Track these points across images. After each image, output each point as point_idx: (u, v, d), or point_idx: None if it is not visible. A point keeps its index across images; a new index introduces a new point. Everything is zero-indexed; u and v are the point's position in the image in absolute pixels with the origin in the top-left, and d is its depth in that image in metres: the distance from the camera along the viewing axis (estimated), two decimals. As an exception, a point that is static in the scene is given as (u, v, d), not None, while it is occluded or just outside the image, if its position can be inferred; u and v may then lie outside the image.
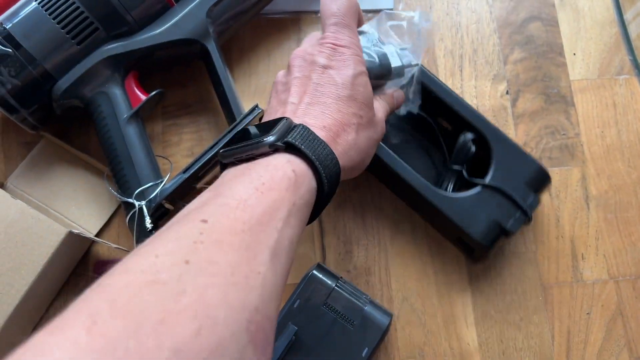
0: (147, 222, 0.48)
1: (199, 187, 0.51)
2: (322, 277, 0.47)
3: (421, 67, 0.49)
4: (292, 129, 0.36)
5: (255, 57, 0.58)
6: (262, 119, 0.43)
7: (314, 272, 0.47)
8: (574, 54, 0.58)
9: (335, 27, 0.41)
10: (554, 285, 0.52)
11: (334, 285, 0.46)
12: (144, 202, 0.48)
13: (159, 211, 0.49)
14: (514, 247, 0.53)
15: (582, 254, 0.53)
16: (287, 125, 0.37)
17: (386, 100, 0.46)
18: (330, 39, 0.41)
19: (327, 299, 0.46)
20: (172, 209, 0.50)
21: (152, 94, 0.51)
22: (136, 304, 0.24)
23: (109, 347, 0.23)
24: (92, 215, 0.53)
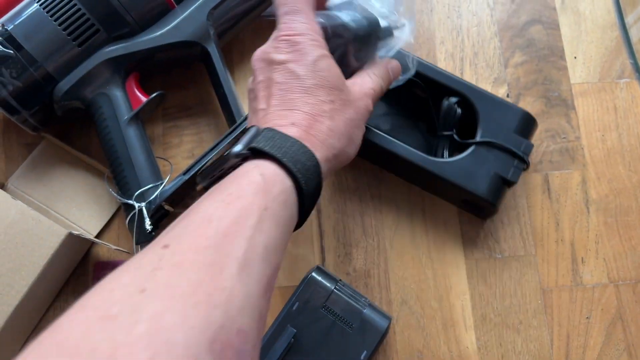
0: (146, 223, 0.48)
1: (199, 189, 0.51)
2: (321, 280, 0.47)
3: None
4: (259, 134, 0.36)
5: (256, 59, 0.58)
6: None
7: (313, 275, 0.47)
8: (575, 58, 0.58)
9: (286, 17, 0.40)
10: (554, 288, 0.52)
11: (333, 287, 0.46)
12: (144, 204, 0.48)
13: (159, 213, 0.50)
14: (513, 251, 0.53)
15: (582, 258, 0.52)
16: (254, 132, 0.36)
17: (378, 73, 0.43)
18: (283, 31, 0.39)
19: (326, 302, 0.46)
20: (172, 211, 0.50)
21: (153, 95, 0.51)
22: (86, 342, 0.24)
23: None
24: (92, 216, 0.53)
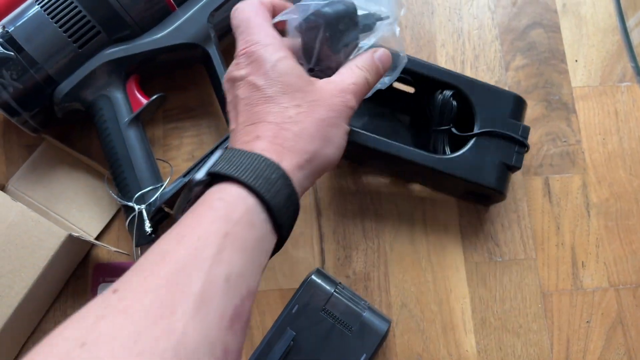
0: (146, 225, 0.48)
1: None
2: (320, 283, 0.47)
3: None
4: (220, 157, 0.35)
5: (256, 61, 0.58)
6: None
7: (312, 277, 0.47)
8: (576, 61, 0.58)
9: (242, 36, 0.39)
10: (554, 292, 0.52)
11: (332, 290, 0.46)
12: (143, 206, 0.48)
13: (159, 215, 0.50)
14: (513, 254, 0.53)
15: (583, 262, 0.52)
16: (217, 156, 0.36)
17: (361, 65, 0.40)
18: (240, 48, 0.39)
19: (326, 305, 0.46)
20: (172, 213, 0.50)
21: (153, 97, 0.51)
22: None
23: None
24: (93, 218, 0.53)
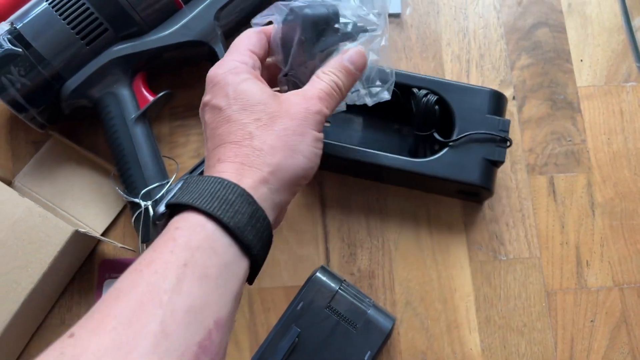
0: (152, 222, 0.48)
1: None
2: (325, 280, 0.47)
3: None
4: (180, 186, 0.35)
5: (262, 59, 0.58)
6: None
7: (317, 275, 0.47)
8: (581, 61, 0.58)
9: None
10: (558, 291, 0.52)
11: (337, 288, 0.46)
12: (150, 202, 0.48)
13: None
14: (518, 253, 0.53)
15: (587, 261, 0.52)
16: (179, 186, 0.35)
17: (330, 70, 0.39)
18: (207, 76, 0.40)
19: (331, 302, 0.46)
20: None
21: (160, 94, 0.51)
22: None
23: None
24: (99, 214, 0.53)
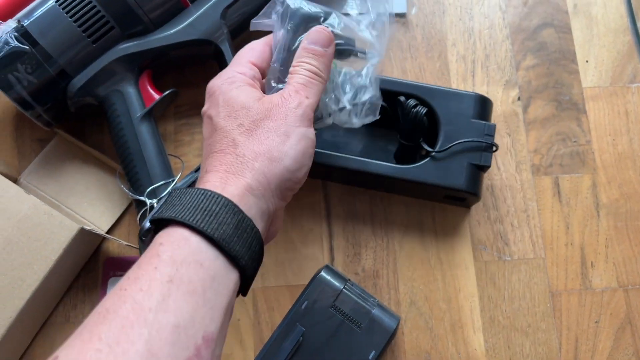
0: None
1: None
2: (330, 279, 0.47)
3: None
4: (165, 201, 0.35)
5: (267, 58, 0.58)
6: None
7: (322, 274, 0.47)
8: (587, 61, 0.58)
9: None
10: (563, 292, 0.52)
11: (342, 287, 0.46)
12: (155, 200, 0.48)
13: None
14: (523, 253, 0.53)
15: (592, 262, 0.52)
16: (164, 200, 0.35)
17: (298, 60, 0.40)
18: (206, 90, 0.41)
19: (335, 301, 0.46)
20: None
21: (166, 93, 0.51)
22: None
23: None
24: (104, 212, 0.53)
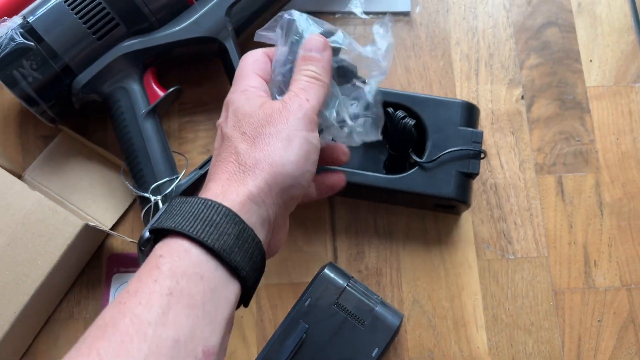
0: (161, 217, 0.48)
1: None
2: (333, 277, 0.47)
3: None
4: (164, 210, 0.34)
5: (272, 56, 0.58)
6: None
7: (325, 271, 0.47)
8: (591, 61, 0.58)
9: (232, 86, 0.40)
10: (566, 291, 0.52)
11: (345, 285, 0.46)
12: (159, 197, 0.48)
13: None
14: (526, 252, 0.53)
15: (595, 261, 0.52)
16: (164, 209, 0.35)
17: (298, 69, 0.39)
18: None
19: (338, 299, 0.46)
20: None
21: (170, 90, 0.51)
22: None
23: None
24: (108, 209, 0.53)
